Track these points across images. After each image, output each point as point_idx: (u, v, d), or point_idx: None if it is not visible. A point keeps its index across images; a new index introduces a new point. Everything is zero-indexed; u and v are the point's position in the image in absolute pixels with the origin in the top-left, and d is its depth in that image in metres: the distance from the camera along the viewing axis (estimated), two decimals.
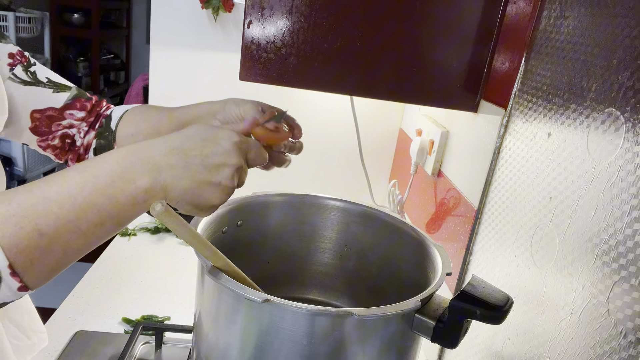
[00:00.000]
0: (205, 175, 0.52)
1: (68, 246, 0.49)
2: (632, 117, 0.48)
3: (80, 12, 4.11)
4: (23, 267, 0.46)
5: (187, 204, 0.53)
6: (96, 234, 0.50)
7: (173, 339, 0.92)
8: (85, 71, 4.24)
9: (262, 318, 0.53)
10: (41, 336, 0.84)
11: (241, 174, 0.56)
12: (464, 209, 0.87)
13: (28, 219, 0.46)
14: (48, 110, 0.74)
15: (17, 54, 0.73)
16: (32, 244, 0.46)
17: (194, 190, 0.52)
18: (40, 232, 0.46)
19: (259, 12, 0.79)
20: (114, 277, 1.13)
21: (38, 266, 0.47)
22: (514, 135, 0.72)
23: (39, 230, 0.46)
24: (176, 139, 0.53)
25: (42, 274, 0.48)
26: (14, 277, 0.46)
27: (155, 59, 1.39)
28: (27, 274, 0.47)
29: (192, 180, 0.52)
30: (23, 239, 0.46)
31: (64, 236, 0.48)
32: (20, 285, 0.47)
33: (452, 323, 0.53)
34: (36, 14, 3.29)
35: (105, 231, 0.50)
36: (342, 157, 1.48)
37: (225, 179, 0.53)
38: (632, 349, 0.43)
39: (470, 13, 0.81)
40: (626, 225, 0.46)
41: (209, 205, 0.54)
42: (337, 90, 0.87)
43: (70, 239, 0.48)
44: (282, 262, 0.81)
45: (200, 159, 0.52)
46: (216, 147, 0.53)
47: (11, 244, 0.45)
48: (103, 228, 0.50)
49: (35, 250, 0.46)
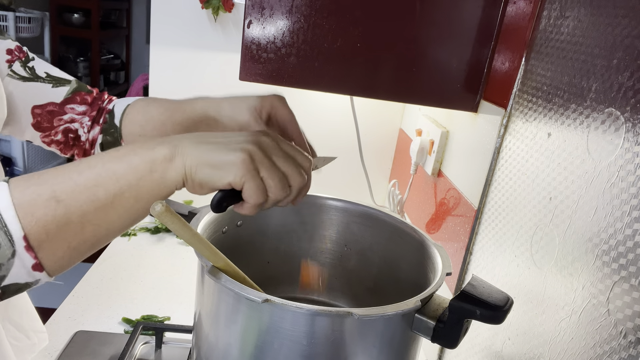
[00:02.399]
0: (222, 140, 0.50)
1: (86, 219, 0.47)
2: (632, 117, 0.48)
3: (80, 12, 4.11)
4: (38, 239, 0.45)
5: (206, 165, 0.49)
6: (115, 208, 0.48)
7: (173, 339, 0.92)
8: (85, 71, 4.25)
9: (262, 318, 0.53)
10: (41, 336, 0.84)
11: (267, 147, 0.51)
12: (464, 209, 0.87)
13: (47, 186, 0.46)
14: (48, 106, 0.73)
15: (16, 49, 0.72)
16: (48, 212, 0.45)
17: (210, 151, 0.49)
18: (57, 199, 0.46)
19: (259, 12, 0.79)
20: (114, 277, 1.13)
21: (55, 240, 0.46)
22: (514, 135, 0.72)
23: (56, 197, 0.46)
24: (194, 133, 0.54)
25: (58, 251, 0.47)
26: (28, 252, 0.45)
27: (155, 59, 1.39)
28: (43, 248, 0.46)
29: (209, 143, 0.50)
30: (40, 206, 0.45)
31: (81, 205, 0.47)
32: (35, 262, 0.46)
33: (452, 323, 0.53)
34: (36, 14, 3.29)
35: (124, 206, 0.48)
36: (342, 157, 1.47)
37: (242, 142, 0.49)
38: (632, 349, 0.43)
39: (470, 13, 0.81)
40: (626, 225, 0.46)
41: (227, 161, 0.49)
42: (337, 90, 0.87)
43: (88, 210, 0.47)
44: (282, 262, 0.81)
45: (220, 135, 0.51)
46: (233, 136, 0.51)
47: (27, 212, 0.45)
48: (122, 200, 0.48)
49: (51, 220, 0.46)
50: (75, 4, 4.07)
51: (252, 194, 0.49)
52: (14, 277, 0.46)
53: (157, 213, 0.48)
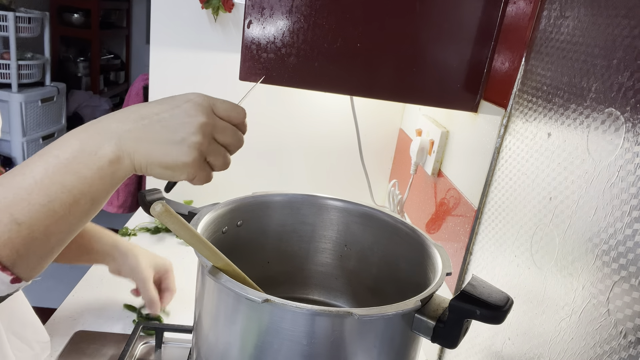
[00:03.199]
0: (165, 134, 0.51)
1: (49, 231, 0.48)
2: (632, 117, 0.48)
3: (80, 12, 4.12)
4: (10, 260, 0.46)
5: (157, 166, 0.51)
6: (74, 214, 0.49)
7: (173, 339, 0.92)
8: (85, 71, 4.25)
9: (262, 318, 0.53)
10: (44, 345, 0.84)
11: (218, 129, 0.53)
12: (464, 209, 0.87)
13: (2, 211, 0.46)
14: None
15: None
16: (12, 235, 0.46)
17: (158, 151, 0.50)
18: (17, 222, 0.46)
19: (259, 12, 0.79)
20: (114, 277, 1.13)
21: (25, 257, 0.47)
22: (514, 135, 0.72)
23: (16, 220, 0.46)
24: (133, 107, 0.52)
25: (31, 263, 0.48)
26: (4, 272, 0.46)
27: (155, 59, 1.39)
28: (17, 266, 0.47)
29: (154, 142, 0.50)
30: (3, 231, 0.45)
31: (42, 222, 0.47)
32: (13, 277, 0.46)
33: (452, 323, 0.53)
34: (36, 14, 3.29)
35: (82, 210, 0.49)
36: (342, 157, 1.48)
37: (188, 134, 0.51)
38: (632, 349, 0.43)
39: (470, 13, 0.81)
40: (626, 225, 0.46)
41: (179, 163, 0.51)
42: (337, 90, 0.87)
43: (49, 223, 0.48)
44: (282, 262, 0.81)
45: (157, 120, 0.51)
46: (174, 109, 0.51)
47: None
48: (79, 207, 0.49)
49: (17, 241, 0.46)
50: (75, 4, 4.07)
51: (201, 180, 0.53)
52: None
53: (157, 213, 0.48)
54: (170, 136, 0.51)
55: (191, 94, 0.54)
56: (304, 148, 1.47)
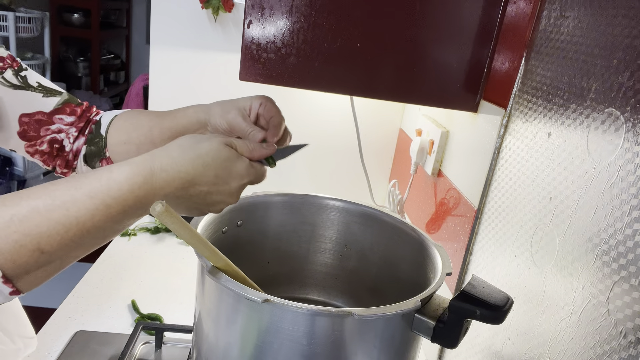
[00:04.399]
0: (201, 206, 0.57)
1: (67, 258, 0.50)
2: (632, 117, 0.48)
3: (80, 12, 4.12)
4: (17, 276, 0.46)
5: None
6: (95, 245, 0.52)
7: (173, 339, 0.92)
8: (85, 71, 4.25)
9: (262, 318, 0.53)
10: (28, 342, 0.82)
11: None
12: (464, 209, 0.87)
13: (30, 238, 0.46)
14: (37, 115, 0.72)
15: (8, 58, 0.71)
16: (31, 260, 0.46)
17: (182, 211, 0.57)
18: (41, 251, 0.46)
19: (259, 12, 0.79)
20: (114, 277, 1.13)
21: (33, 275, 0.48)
22: (514, 135, 0.72)
23: (41, 249, 0.46)
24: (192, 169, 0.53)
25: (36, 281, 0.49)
26: (6, 284, 0.46)
27: (155, 59, 1.39)
28: (21, 281, 0.47)
29: (188, 208, 0.57)
30: (22, 255, 0.45)
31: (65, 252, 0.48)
32: (12, 290, 0.46)
33: (452, 323, 0.53)
34: (36, 14, 3.29)
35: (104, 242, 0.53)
36: (342, 157, 1.48)
37: (216, 211, 0.59)
38: (632, 349, 0.43)
39: (470, 13, 0.81)
40: (626, 225, 0.46)
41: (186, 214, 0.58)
42: (337, 90, 0.87)
43: (71, 254, 0.49)
44: (282, 262, 0.81)
45: (204, 195, 0.55)
46: (224, 186, 0.56)
47: (8, 259, 0.45)
48: (104, 240, 0.52)
49: (32, 264, 0.47)
50: (75, 4, 4.07)
51: None
52: None
53: (157, 213, 0.48)
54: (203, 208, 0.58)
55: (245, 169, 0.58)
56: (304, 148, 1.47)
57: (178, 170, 0.53)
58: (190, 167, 0.53)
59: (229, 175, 0.56)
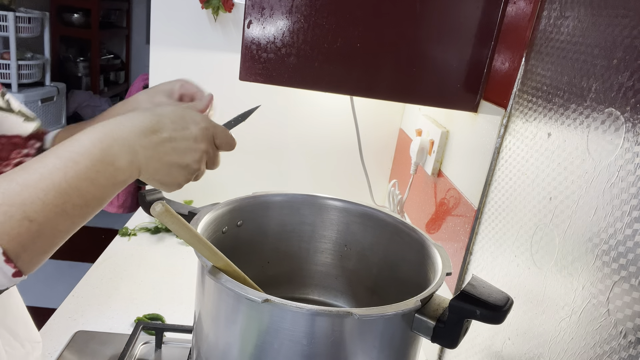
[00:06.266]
0: (174, 157, 0.57)
1: (56, 229, 0.51)
2: (632, 117, 0.48)
3: (80, 12, 4.11)
4: (16, 253, 0.48)
5: (156, 181, 0.58)
6: (81, 215, 0.53)
7: (173, 339, 0.92)
8: (85, 71, 4.24)
9: (262, 318, 0.53)
10: (35, 345, 0.83)
11: (210, 157, 0.61)
12: (464, 209, 0.87)
13: (15, 208, 0.48)
14: (15, 138, 0.74)
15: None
16: (22, 230, 0.48)
17: (163, 170, 0.57)
18: (29, 219, 0.48)
19: (259, 12, 0.79)
20: (114, 277, 1.13)
21: (30, 251, 0.49)
22: (514, 135, 0.72)
23: (28, 217, 0.48)
24: (148, 118, 0.56)
25: (34, 258, 0.50)
26: (8, 264, 0.48)
27: (155, 59, 1.39)
28: (20, 259, 0.49)
29: (162, 162, 0.57)
30: (14, 226, 0.47)
31: (52, 220, 0.50)
32: (15, 270, 0.48)
33: (452, 323, 0.53)
34: (36, 14, 3.29)
35: (89, 211, 0.53)
36: (342, 157, 1.48)
37: (192, 162, 0.59)
38: (632, 349, 0.43)
39: (470, 13, 0.81)
40: (626, 225, 0.46)
41: (175, 183, 0.59)
42: (337, 90, 0.87)
43: (58, 222, 0.51)
44: (282, 262, 0.81)
45: (169, 142, 0.56)
46: (184, 131, 0.58)
47: (2, 232, 0.47)
48: (87, 209, 0.53)
49: (26, 236, 0.48)
50: (75, 4, 4.07)
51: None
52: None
53: (157, 213, 0.48)
54: (177, 160, 0.58)
55: (198, 116, 0.60)
56: (304, 148, 1.47)
57: (133, 120, 0.56)
58: (145, 117, 0.56)
59: (183, 119, 0.58)
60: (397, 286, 0.73)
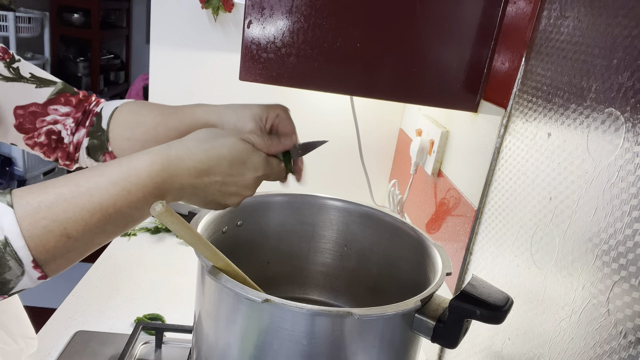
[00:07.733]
0: (217, 197, 0.58)
1: (92, 244, 0.52)
2: (632, 117, 0.48)
3: (80, 12, 4.11)
4: (45, 261, 0.49)
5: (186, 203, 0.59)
6: (117, 233, 0.54)
7: (173, 339, 0.92)
8: (85, 71, 4.24)
9: (262, 318, 0.53)
10: (30, 342, 0.83)
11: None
12: (464, 209, 0.87)
13: (58, 223, 0.48)
14: (31, 106, 0.71)
15: (0, 50, 0.70)
16: (59, 245, 0.49)
17: (200, 203, 0.58)
18: (68, 236, 0.49)
19: (259, 12, 0.79)
20: (114, 277, 1.13)
21: (60, 260, 0.50)
22: (514, 135, 0.72)
23: (67, 234, 0.49)
24: (206, 159, 0.56)
25: (62, 265, 0.51)
26: (36, 269, 0.48)
27: (155, 59, 1.39)
28: (49, 266, 0.50)
29: (203, 199, 0.58)
30: (50, 239, 0.48)
31: (89, 238, 0.51)
32: (41, 275, 0.49)
33: (452, 323, 0.53)
34: (36, 14, 3.29)
35: (125, 230, 0.55)
36: (342, 157, 1.47)
37: (232, 203, 0.59)
38: (632, 349, 0.43)
39: (470, 13, 0.81)
40: (626, 225, 0.46)
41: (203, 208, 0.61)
42: (337, 90, 0.87)
43: (94, 239, 0.52)
44: (282, 262, 0.81)
45: (219, 186, 0.57)
46: (239, 177, 0.57)
47: (38, 244, 0.48)
48: (125, 228, 0.54)
49: (61, 250, 0.49)
50: (75, 4, 4.07)
51: None
52: (21, 286, 0.50)
53: (157, 213, 0.48)
54: (219, 199, 0.58)
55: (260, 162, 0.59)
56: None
57: (193, 159, 0.55)
58: (204, 156, 0.55)
59: (243, 166, 0.57)
60: (397, 286, 0.73)
